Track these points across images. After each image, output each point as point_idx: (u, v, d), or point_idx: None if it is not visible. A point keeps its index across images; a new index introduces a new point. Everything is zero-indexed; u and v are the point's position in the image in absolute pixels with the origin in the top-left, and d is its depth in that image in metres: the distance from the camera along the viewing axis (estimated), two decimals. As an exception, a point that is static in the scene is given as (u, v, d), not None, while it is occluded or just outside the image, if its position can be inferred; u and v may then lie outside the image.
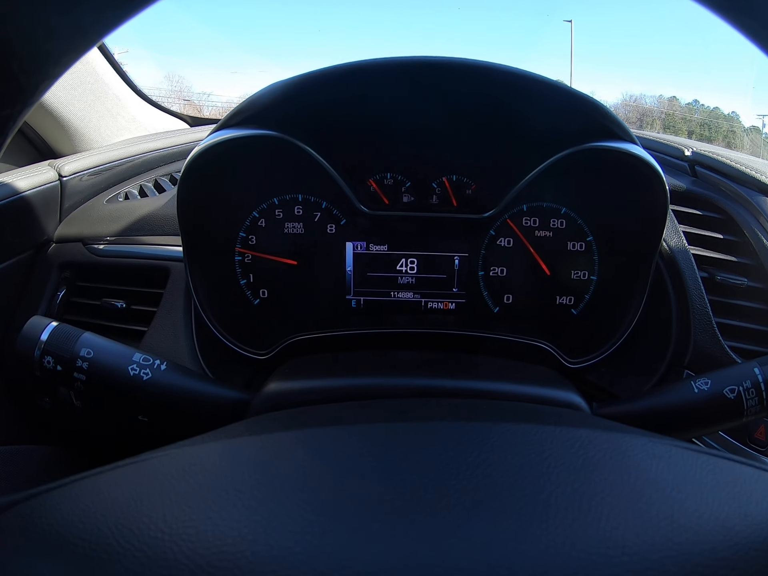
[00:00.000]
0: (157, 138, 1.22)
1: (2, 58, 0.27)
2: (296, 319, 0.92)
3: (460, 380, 0.69)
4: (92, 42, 0.29)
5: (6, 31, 0.26)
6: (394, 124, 0.83)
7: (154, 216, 0.94)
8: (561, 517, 0.32)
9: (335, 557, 0.29)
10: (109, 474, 0.37)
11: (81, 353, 0.61)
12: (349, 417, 0.51)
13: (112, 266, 0.92)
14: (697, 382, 0.65)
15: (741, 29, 0.29)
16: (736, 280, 0.84)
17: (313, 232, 0.92)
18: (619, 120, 0.76)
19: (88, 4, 0.27)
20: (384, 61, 0.72)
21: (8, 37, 0.26)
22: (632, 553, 0.29)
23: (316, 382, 0.69)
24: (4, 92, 0.28)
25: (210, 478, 0.36)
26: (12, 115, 0.30)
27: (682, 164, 1.00)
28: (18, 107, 0.30)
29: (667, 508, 0.33)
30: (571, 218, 0.91)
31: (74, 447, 1.03)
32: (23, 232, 0.93)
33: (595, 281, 0.92)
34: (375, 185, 0.91)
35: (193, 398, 0.64)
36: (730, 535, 0.31)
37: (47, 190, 0.96)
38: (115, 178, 1.10)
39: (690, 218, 0.90)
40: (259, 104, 0.75)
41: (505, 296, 0.94)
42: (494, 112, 0.81)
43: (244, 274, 0.92)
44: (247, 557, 0.28)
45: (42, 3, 0.26)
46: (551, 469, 0.38)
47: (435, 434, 0.44)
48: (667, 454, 0.41)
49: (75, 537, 0.30)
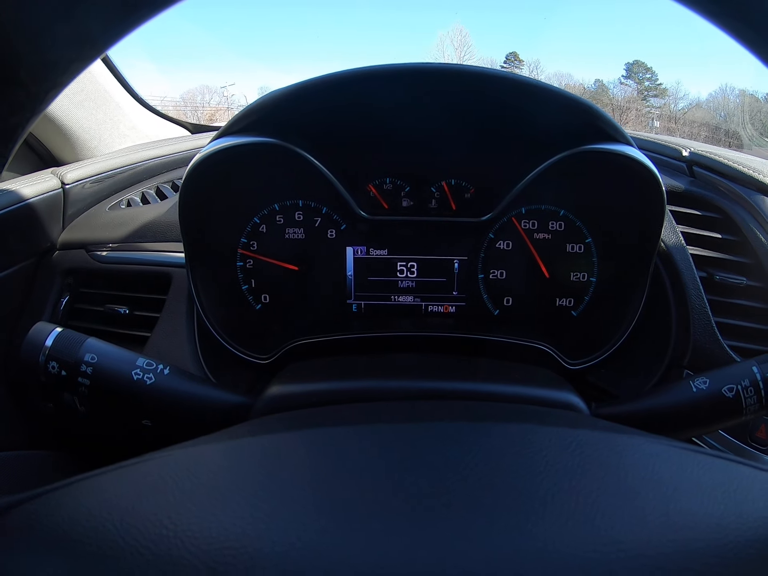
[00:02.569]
0: (159, 145, 1.23)
1: (11, 67, 0.27)
2: (298, 324, 0.92)
3: (460, 382, 0.69)
4: (100, 51, 0.30)
5: (15, 41, 0.27)
6: (393, 130, 0.84)
7: (156, 222, 0.95)
8: (557, 516, 0.33)
9: (337, 555, 0.29)
10: (113, 473, 0.38)
11: (85, 358, 0.61)
12: (349, 418, 0.51)
13: (115, 272, 0.93)
14: (696, 382, 0.65)
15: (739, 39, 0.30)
16: (735, 280, 0.84)
17: (313, 238, 0.93)
18: (614, 122, 0.76)
19: (96, 13, 0.27)
20: (382, 68, 0.73)
21: (17, 46, 0.27)
22: (627, 550, 0.30)
23: (318, 385, 0.69)
24: (13, 100, 0.29)
25: (213, 477, 0.36)
26: (21, 123, 0.30)
27: (680, 164, 1.00)
28: (27, 115, 0.30)
29: (663, 507, 0.33)
30: (569, 220, 0.91)
31: (78, 452, 1.03)
32: (27, 240, 0.94)
33: (595, 283, 0.93)
34: (374, 190, 0.92)
35: (195, 402, 0.65)
36: (725, 533, 0.31)
37: (50, 197, 0.97)
38: (118, 185, 1.11)
39: (688, 218, 0.90)
40: (259, 112, 0.76)
41: (505, 299, 0.95)
42: (491, 117, 0.82)
43: (245, 280, 0.93)
44: (250, 554, 0.29)
45: (50, 13, 0.26)
46: (548, 469, 0.38)
47: (434, 435, 0.45)
48: (663, 454, 0.41)
49: (80, 535, 0.31)
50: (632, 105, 22.52)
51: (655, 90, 26.43)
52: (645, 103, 23.95)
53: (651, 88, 26.57)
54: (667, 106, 23.64)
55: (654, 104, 24.67)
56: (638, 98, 24.42)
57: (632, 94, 24.87)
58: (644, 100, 24.99)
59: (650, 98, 25.68)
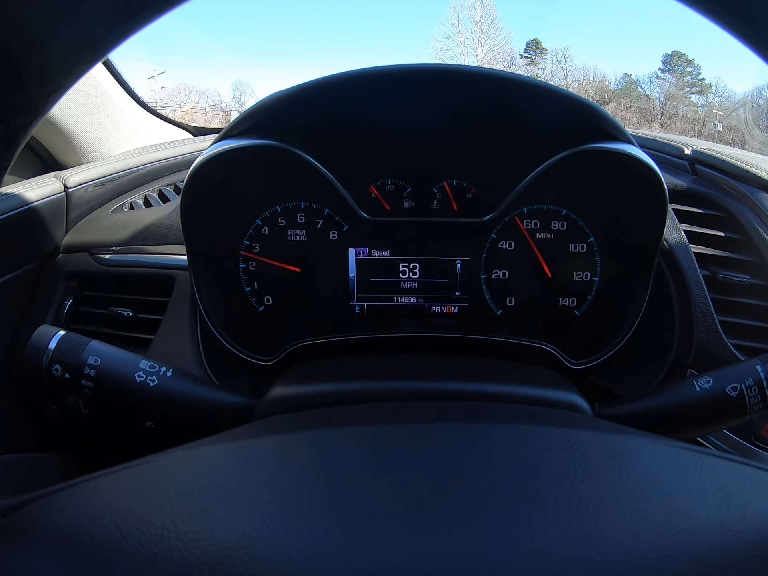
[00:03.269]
0: (161, 148, 1.23)
1: (14, 70, 0.27)
2: (300, 325, 0.92)
3: (463, 383, 0.69)
4: (103, 53, 0.30)
5: (17, 43, 0.27)
6: (394, 131, 0.84)
7: (159, 225, 0.95)
8: (559, 517, 0.33)
9: (338, 556, 0.29)
10: (116, 475, 0.38)
11: (88, 361, 0.61)
12: (352, 419, 0.51)
13: (118, 275, 0.93)
14: (699, 381, 0.65)
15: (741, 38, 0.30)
16: (739, 278, 0.84)
17: (315, 239, 0.93)
18: (615, 121, 0.76)
19: (99, 15, 0.27)
20: (382, 69, 0.73)
21: (20, 48, 0.27)
22: (630, 552, 0.30)
23: (321, 386, 0.69)
24: (16, 103, 0.29)
25: (216, 479, 0.37)
26: (23, 126, 0.30)
27: (683, 163, 1.00)
28: (30, 117, 0.30)
29: (666, 508, 0.33)
30: (571, 220, 0.91)
31: (82, 454, 1.04)
32: (30, 243, 0.95)
33: (598, 282, 0.92)
34: (376, 191, 0.92)
35: (198, 404, 0.65)
36: (729, 534, 0.31)
37: (53, 201, 0.97)
38: (120, 188, 1.11)
39: (691, 216, 0.90)
40: (260, 114, 0.76)
41: (507, 299, 0.94)
42: (492, 117, 0.81)
43: (248, 282, 0.93)
44: (251, 555, 0.29)
45: (53, 15, 0.26)
46: (550, 470, 0.38)
47: (437, 436, 0.45)
48: (666, 455, 0.41)
49: (83, 536, 0.31)
50: (676, 103, 20.60)
51: (698, 86, 23.24)
52: (685, 101, 21.74)
53: (693, 84, 23.43)
54: (711, 105, 21.02)
55: (696, 102, 22.14)
56: (679, 94, 22.01)
57: (671, 90, 22.22)
58: (685, 97, 22.38)
59: (691, 95, 22.88)
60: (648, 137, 1.11)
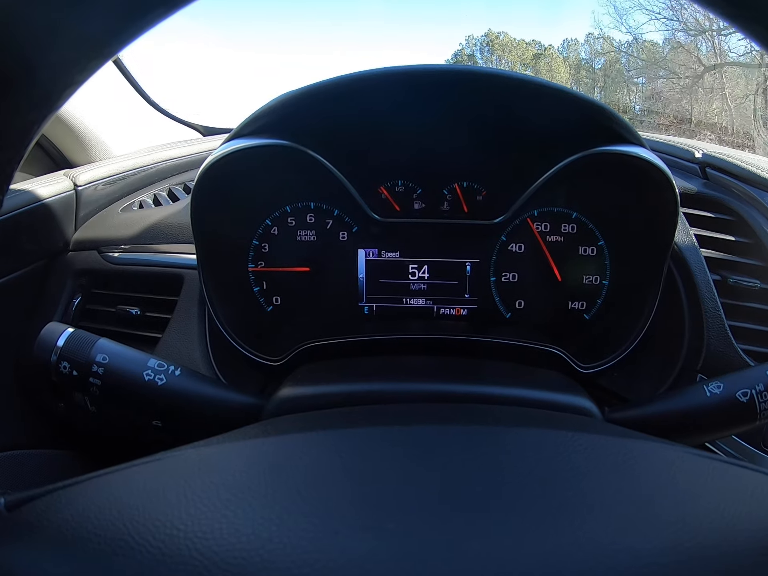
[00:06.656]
0: (170, 147, 1.24)
1: (29, 65, 0.28)
2: (309, 326, 0.92)
3: (472, 385, 0.69)
4: (117, 49, 0.30)
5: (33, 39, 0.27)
6: (405, 131, 0.84)
7: (168, 224, 0.96)
8: (569, 522, 0.32)
9: (348, 557, 0.29)
10: (124, 472, 0.38)
11: (96, 359, 0.62)
12: (361, 420, 0.51)
13: (126, 274, 0.94)
14: (710, 386, 0.65)
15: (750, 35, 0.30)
16: (749, 283, 0.84)
17: (325, 240, 0.93)
18: (627, 123, 0.76)
19: (114, 12, 0.27)
20: (393, 70, 0.73)
21: (36, 44, 0.27)
22: (640, 556, 0.29)
23: (329, 387, 0.69)
24: (30, 98, 0.29)
25: (224, 478, 0.36)
26: (37, 120, 0.30)
27: (693, 166, 0.99)
28: (43, 112, 0.30)
29: (676, 513, 0.33)
30: (582, 223, 0.91)
31: (89, 451, 1.04)
32: (39, 241, 0.95)
33: (607, 286, 0.92)
34: (386, 192, 0.92)
35: (206, 403, 0.65)
36: (741, 540, 0.31)
37: (63, 199, 0.97)
38: (129, 187, 1.11)
39: (701, 220, 0.89)
40: (271, 114, 0.76)
41: (517, 302, 0.94)
42: (503, 119, 0.81)
43: (257, 282, 0.93)
44: (261, 555, 0.29)
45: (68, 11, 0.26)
46: (561, 474, 0.38)
47: (446, 438, 0.45)
48: (677, 460, 0.41)
49: (90, 532, 0.31)
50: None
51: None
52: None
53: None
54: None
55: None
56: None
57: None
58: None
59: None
60: (658, 140, 1.11)
